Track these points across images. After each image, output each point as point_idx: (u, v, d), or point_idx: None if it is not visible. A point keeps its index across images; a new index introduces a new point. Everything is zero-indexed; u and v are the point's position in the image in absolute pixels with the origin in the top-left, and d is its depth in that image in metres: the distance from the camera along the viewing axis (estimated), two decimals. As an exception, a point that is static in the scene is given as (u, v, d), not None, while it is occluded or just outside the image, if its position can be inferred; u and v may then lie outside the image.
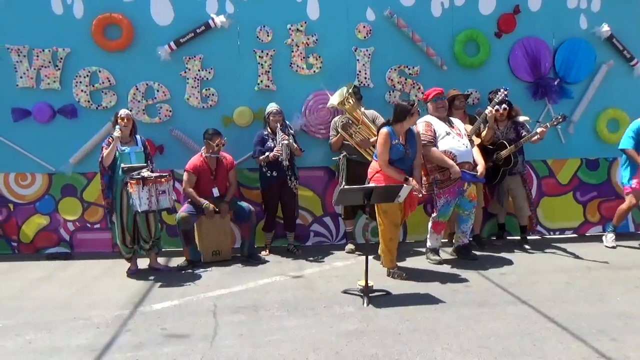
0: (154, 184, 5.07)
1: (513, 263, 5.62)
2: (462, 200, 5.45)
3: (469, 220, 5.61)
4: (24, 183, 6.33)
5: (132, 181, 5.03)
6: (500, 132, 6.07)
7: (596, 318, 4.02)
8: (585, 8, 6.65)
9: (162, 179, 5.15)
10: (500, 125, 6.08)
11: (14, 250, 6.37)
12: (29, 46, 6.10)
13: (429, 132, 5.38)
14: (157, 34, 6.18)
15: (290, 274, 5.34)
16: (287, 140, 5.78)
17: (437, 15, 6.48)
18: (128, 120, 5.33)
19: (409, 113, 5.00)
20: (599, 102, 6.76)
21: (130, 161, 5.30)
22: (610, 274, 5.21)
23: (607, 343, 3.58)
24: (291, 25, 6.28)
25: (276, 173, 5.93)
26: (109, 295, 4.80)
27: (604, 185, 6.93)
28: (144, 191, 5.03)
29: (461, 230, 5.68)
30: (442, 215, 5.47)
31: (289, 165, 5.86)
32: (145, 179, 5.04)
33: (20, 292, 4.97)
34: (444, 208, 5.43)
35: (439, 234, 5.60)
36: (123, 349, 3.62)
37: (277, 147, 5.80)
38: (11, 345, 3.73)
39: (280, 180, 5.95)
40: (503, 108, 5.98)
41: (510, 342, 3.61)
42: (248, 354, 3.51)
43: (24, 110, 6.19)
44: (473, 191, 5.49)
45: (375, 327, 3.90)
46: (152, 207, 5.10)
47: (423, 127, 5.41)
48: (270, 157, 5.82)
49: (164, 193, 5.15)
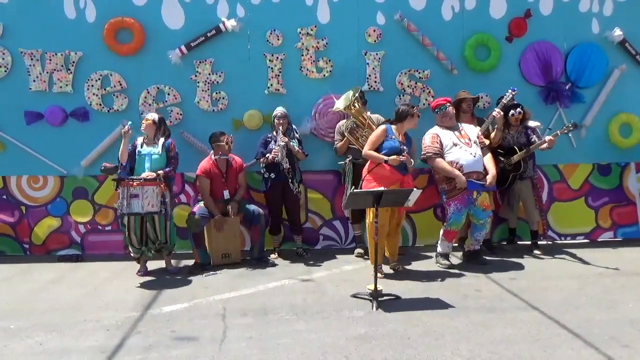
0: (126, 186, 5.06)
1: (524, 268, 5.58)
2: (475, 209, 5.42)
3: (483, 229, 5.54)
4: (36, 185, 6.38)
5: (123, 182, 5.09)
6: (511, 136, 6.02)
7: (608, 324, 3.97)
8: (598, 12, 6.60)
9: (134, 182, 5.11)
10: (512, 129, 6.04)
11: (25, 252, 6.41)
12: (42, 50, 6.15)
13: (435, 143, 5.40)
14: (168, 38, 6.21)
15: (300, 278, 5.34)
16: (284, 142, 5.77)
17: (447, 19, 6.46)
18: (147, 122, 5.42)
19: (409, 114, 5.21)
20: (611, 107, 6.70)
21: (144, 163, 5.35)
22: (622, 280, 5.14)
23: (619, 350, 3.53)
24: (301, 29, 6.29)
25: (274, 175, 5.92)
26: (119, 297, 4.82)
27: (616, 190, 6.85)
28: (119, 193, 5.10)
29: (474, 238, 5.63)
30: (454, 224, 5.45)
31: (290, 168, 5.84)
32: (120, 182, 5.08)
33: (32, 293, 5.00)
34: (455, 216, 5.41)
35: (450, 242, 5.57)
36: (132, 352, 3.63)
37: (274, 148, 5.80)
38: (22, 346, 3.75)
39: (282, 183, 5.94)
40: (518, 112, 5.93)
41: (521, 348, 3.57)
42: (257, 357, 3.50)
43: (36, 114, 6.24)
44: (485, 200, 5.44)
45: (385, 332, 3.88)
46: (122, 210, 5.10)
47: (429, 139, 5.45)
48: (269, 158, 5.82)
49: (135, 197, 5.07)
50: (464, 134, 5.49)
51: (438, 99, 5.72)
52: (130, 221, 5.34)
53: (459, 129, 5.54)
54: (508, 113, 5.91)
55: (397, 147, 5.12)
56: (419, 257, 6.05)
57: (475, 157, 5.34)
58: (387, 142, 5.18)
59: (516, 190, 6.20)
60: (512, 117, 5.93)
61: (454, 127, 5.52)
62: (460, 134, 5.48)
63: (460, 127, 5.56)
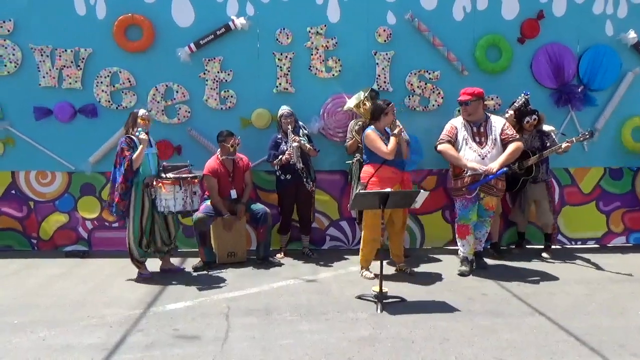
0: (189, 184, 5.09)
1: (531, 273, 5.50)
2: (479, 207, 5.38)
3: (483, 228, 5.51)
4: (45, 181, 6.40)
5: (167, 181, 5.02)
6: (525, 139, 5.93)
7: (617, 332, 3.90)
8: (612, 14, 6.50)
9: (195, 179, 5.19)
10: (525, 133, 5.96)
11: (33, 247, 6.44)
12: (52, 46, 6.17)
13: (449, 132, 5.39)
14: (177, 36, 6.20)
15: (305, 278, 5.31)
16: (297, 142, 5.76)
17: (458, 19, 6.38)
18: (148, 121, 5.28)
19: (383, 112, 5.18)
20: (624, 110, 6.59)
21: (149, 163, 5.26)
22: (632, 286, 5.05)
23: (627, 358, 3.46)
24: (311, 28, 6.26)
25: (290, 176, 5.92)
26: (123, 294, 4.82)
27: (628, 195, 6.75)
28: (181, 192, 5.03)
29: (474, 237, 5.55)
30: (462, 218, 5.40)
31: (304, 167, 5.83)
32: (184, 180, 5.05)
33: (37, 288, 5.01)
34: (462, 211, 5.37)
35: (463, 239, 5.44)
36: (134, 349, 3.62)
37: (288, 150, 5.79)
38: (25, 341, 3.76)
39: (296, 183, 5.92)
40: (533, 119, 5.86)
41: (527, 355, 3.51)
42: (258, 358, 3.48)
43: (45, 109, 6.26)
44: (491, 201, 5.38)
45: (388, 335, 3.84)
46: (186, 207, 5.10)
47: (447, 127, 5.46)
48: (283, 160, 5.81)
49: (195, 194, 5.18)
50: (483, 132, 5.31)
51: (466, 89, 5.45)
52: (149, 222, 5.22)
53: (482, 124, 5.34)
54: (523, 119, 5.85)
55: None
56: (426, 260, 6.00)
57: (481, 158, 5.21)
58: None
59: (529, 194, 6.11)
60: (526, 124, 5.87)
61: (477, 121, 5.36)
62: (479, 131, 5.32)
63: (483, 123, 5.35)
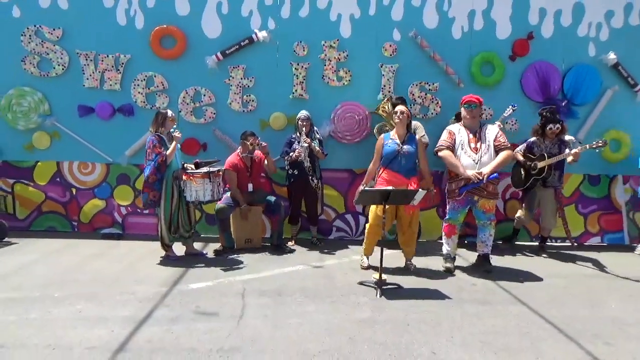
0: (217, 177, 5.14)
1: (516, 267, 5.43)
2: (476, 211, 5.14)
3: (486, 230, 5.19)
4: (86, 171, 6.42)
5: (197, 174, 5.03)
6: (545, 145, 5.82)
7: (591, 322, 3.85)
8: (594, 37, 6.41)
9: (221, 172, 5.28)
10: (547, 139, 5.82)
11: (73, 228, 6.47)
12: (95, 52, 6.18)
13: (448, 138, 5.12)
14: (206, 45, 6.19)
15: (312, 264, 5.28)
16: (308, 143, 5.74)
17: (457, 37, 6.32)
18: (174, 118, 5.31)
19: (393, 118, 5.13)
20: (603, 123, 6.50)
21: (176, 157, 5.24)
22: (607, 282, 4.99)
23: (600, 347, 3.42)
24: (325, 42, 6.22)
25: (297, 172, 5.89)
26: (152, 273, 4.82)
27: (604, 199, 6.67)
28: (210, 184, 5.07)
29: (480, 240, 5.27)
30: (450, 219, 5.22)
31: (311, 167, 5.80)
32: (213, 173, 5.10)
33: (76, 266, 5.02)
34: (452, 212, 5.19)
35: (449, 237, 5.25)
36: (160, 322, 3.62)
37: (298, 149, 5.78)
38: (64, 312, 3.77)
39: (303, 179, 5.88)
40: (556, 127, 5.71)
41: (510, 340, 3.47)
42: (269, 333, 3.46)
43: (88, 108, 6.28)
44: (487, 204, 5.07)
45: (386, 317, 3.81)
46: (214, 197, 5.15)
47: (445, 133, 5.17)
48: (292, 157, 5.79)
49: (219, 185, 5.24)
50: (478, 138, 5.07)
51: (471, 94, 5.23)
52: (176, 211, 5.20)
53: (477, 131, 5.11)
54: (546, 127, 5.72)
55: (393, 149, 4.96)
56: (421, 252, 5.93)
57: (475, 163, 4.99)
58: (385, 148, 5.03)
59: (538, 197, 5.99)
60: (549, 131, 5.73)
61: (473, 127, 5.12)
62: (475, 137, 5.07)
63: (479, 130, 5.09)
